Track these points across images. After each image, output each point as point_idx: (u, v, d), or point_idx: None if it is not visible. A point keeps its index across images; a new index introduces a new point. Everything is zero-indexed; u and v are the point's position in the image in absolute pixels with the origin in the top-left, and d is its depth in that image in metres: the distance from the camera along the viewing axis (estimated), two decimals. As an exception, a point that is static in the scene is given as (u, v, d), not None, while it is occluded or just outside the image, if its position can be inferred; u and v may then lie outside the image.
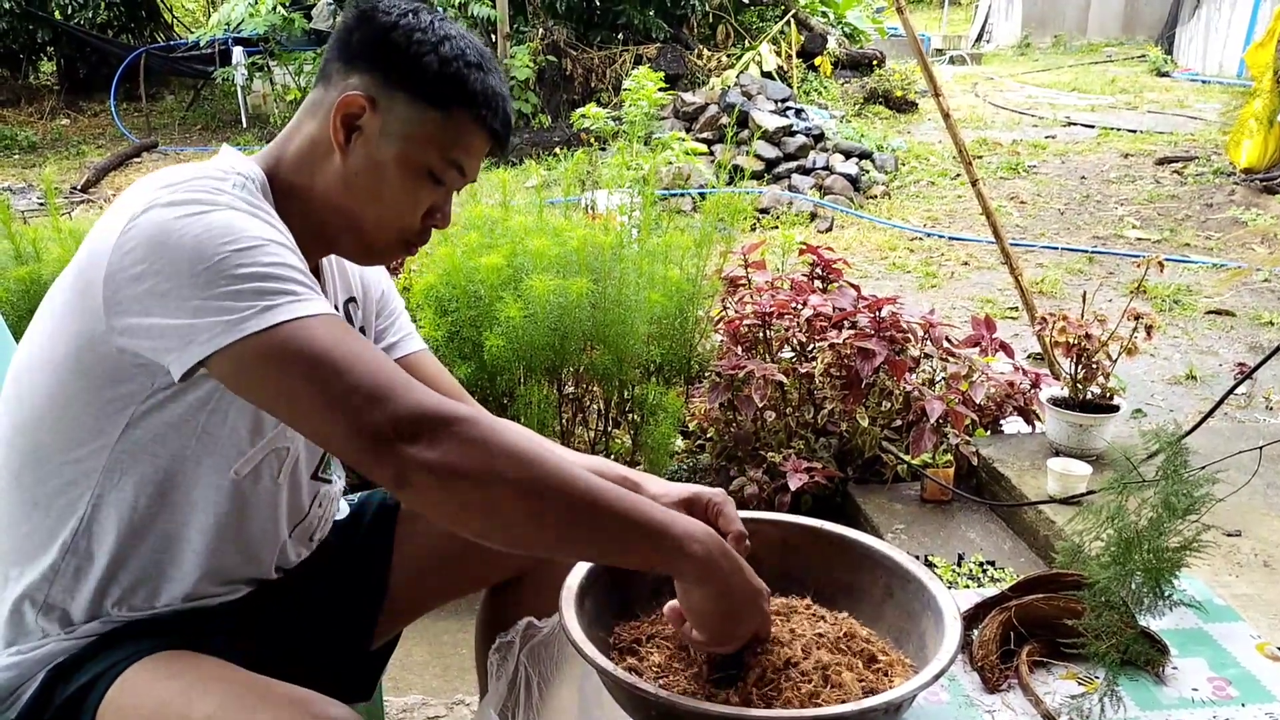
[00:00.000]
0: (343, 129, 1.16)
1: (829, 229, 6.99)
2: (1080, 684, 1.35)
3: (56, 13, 12.06)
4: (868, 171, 8.12)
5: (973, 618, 1.44)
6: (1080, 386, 2.79)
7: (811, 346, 2.98)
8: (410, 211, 1.20)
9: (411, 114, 1.16)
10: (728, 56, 10.51)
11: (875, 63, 11.62)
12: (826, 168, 7.97)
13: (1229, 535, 2.44)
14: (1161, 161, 8.44)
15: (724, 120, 8.36)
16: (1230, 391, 2.78)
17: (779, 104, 8.88)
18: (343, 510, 1.52)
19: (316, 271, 1.29)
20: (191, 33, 12.63)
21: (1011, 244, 3.62)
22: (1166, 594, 1.35)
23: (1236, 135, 7.68)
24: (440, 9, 1.21)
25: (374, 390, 0.96)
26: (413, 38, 1.16)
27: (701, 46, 10.73)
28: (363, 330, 1.39)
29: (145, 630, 1.18)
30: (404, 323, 1.47)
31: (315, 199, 1.19)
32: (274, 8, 9.72)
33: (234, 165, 1.17)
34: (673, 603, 1.14)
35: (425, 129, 1.17)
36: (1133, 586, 1.34)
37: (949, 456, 2.89)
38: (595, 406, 3.04)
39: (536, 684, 1.31)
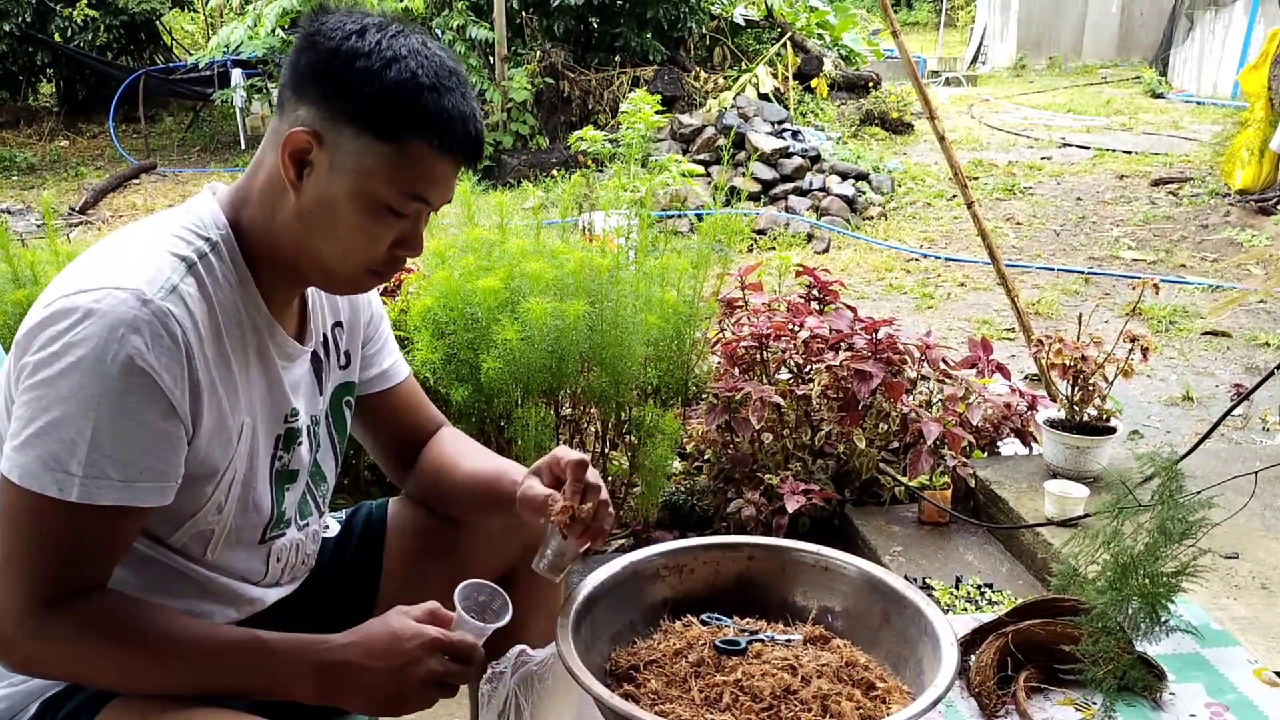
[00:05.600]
0: (292, 165, 1.11)
1: (825, 250, 7.01)
2: (1078, 710, 1.35)
3: (56, 35, 12.11)
4: (864, 193, 8.15)
5: (970, 643, 1.44)
6: (1077, 408, 2.79)
7: (808, 368, 2.98)
8: (370, 246, 1.15)
9: (360, 148, 1.10)
10: (724, 78, 10.56)
11: (871, 85, 11.68)
12: (823, 189, 8.00)
13: (1226, 558, 2.44)
14: (1157, 182, 8.48)
15: (721, 142, 8.39)
16: (1227, 414, 2.78)
17: (776, 126, 8.92)
18: (332, 528, 1.52)
19: (302, 301, 1.29)
20: (190, 55, 12.68)
21: (1007, 265, 3.63)
22: (1163, 620, 1.35)
23: (1229, 164, 7.73)
24: (403, 25, 1.14)
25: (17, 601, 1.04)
26: (355, 65, 1.09)
27: (698, 68, 10.79)
28: (347, 354, 1.39)
29: None
30: (392, 348, 1.47)
31: (277, 236, 1.16)
32: (273, 30, 9.77)
33: (202, 223, 1.15)
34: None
35: (377, 163, 1.10)
36: (1129, 612, 1.34)
37: (946, 478, 2.89)
38: (593, 428, 3.04)
39: (529, 714, 1.31)
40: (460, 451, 1.47)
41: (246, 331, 1.17)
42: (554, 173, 8.94)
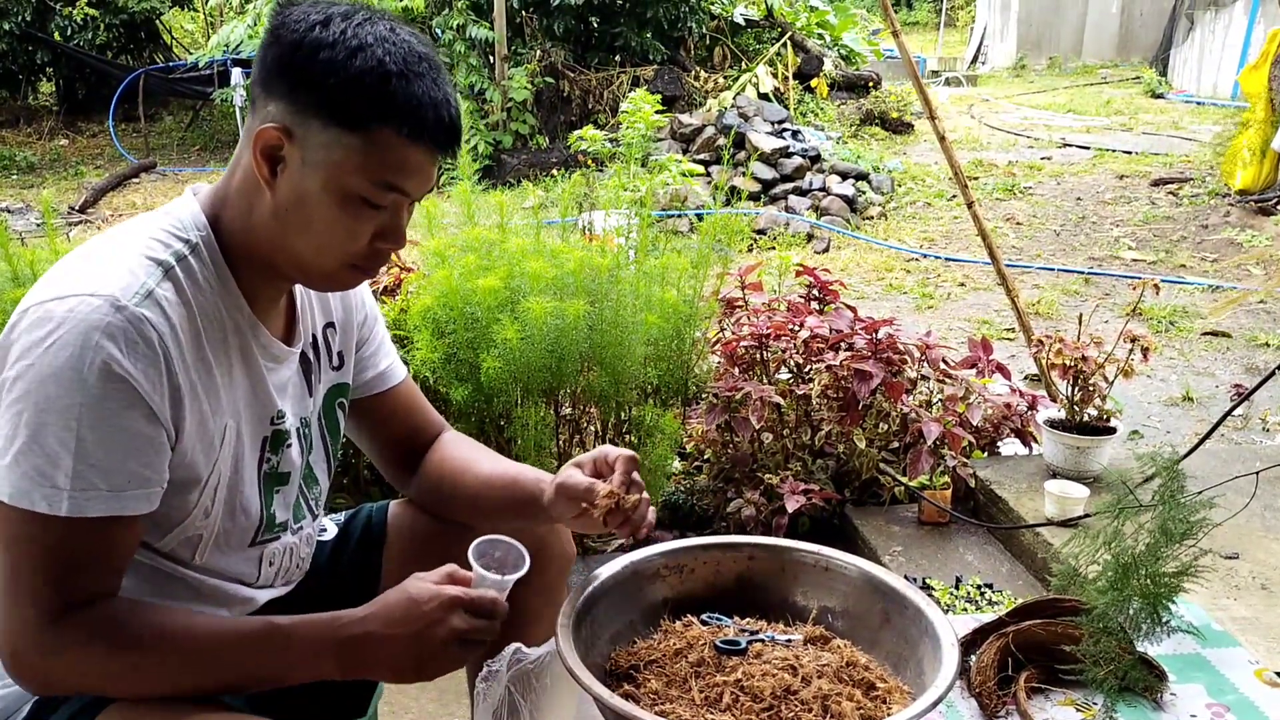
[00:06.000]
0: (265, 163, 1.10)
1: (825, 250, 7.01)
2: (1078, 710, 1.35)
3: (56, 34, 12.11)
4: (864, 192, 8.15)
5: (970, 644, 1.44)
6: (1077, 408, 2.79)
7: (808, 368, 2.98)
8: (348, 241, 1.13)
9: (329, 140, 1.08)
10: (724, 78, 10.56)
11: (871, 84, 11.68)
12: (823, 189, 8.00)
13: (1227, 558, 2.43)
14: (1157, 183, 8.48)
15: (721, 142, 8.39)
16: (1227, 414, 2.78)
17: (776, 125, 8.92)
18: (330, 531, 1.51)
19: (290, 302, 1.28)
20: (190, 54, 12.67)
21: (1007, 265, 3.63)
22: (1164, 620, 1.34)
23: (1229, 164, 7.73)
24: (370, 13, 1.11)
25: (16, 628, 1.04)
26: (319, 56, 1.07)
27: (698, 68, 10.79)
28: (340, 355, 1.38)
29: None
30: (388, 350, 1.46)
31: (255, 234, 1.14)
32: (273, 29, 9.77)
33: (181, 225, 1.14)
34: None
35: (347, 156, 1.08)
36: (1130, 612, 1.34)
37: (946, 478, 2.88)
38: (592, 428, 3.04)
39: (527, 712, 1.30)
40: (471, 457, 1.46)
41: (228, 333, 1.16)
42: (554, 172, 8.94)
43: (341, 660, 1.11)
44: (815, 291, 3.21)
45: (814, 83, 10.83)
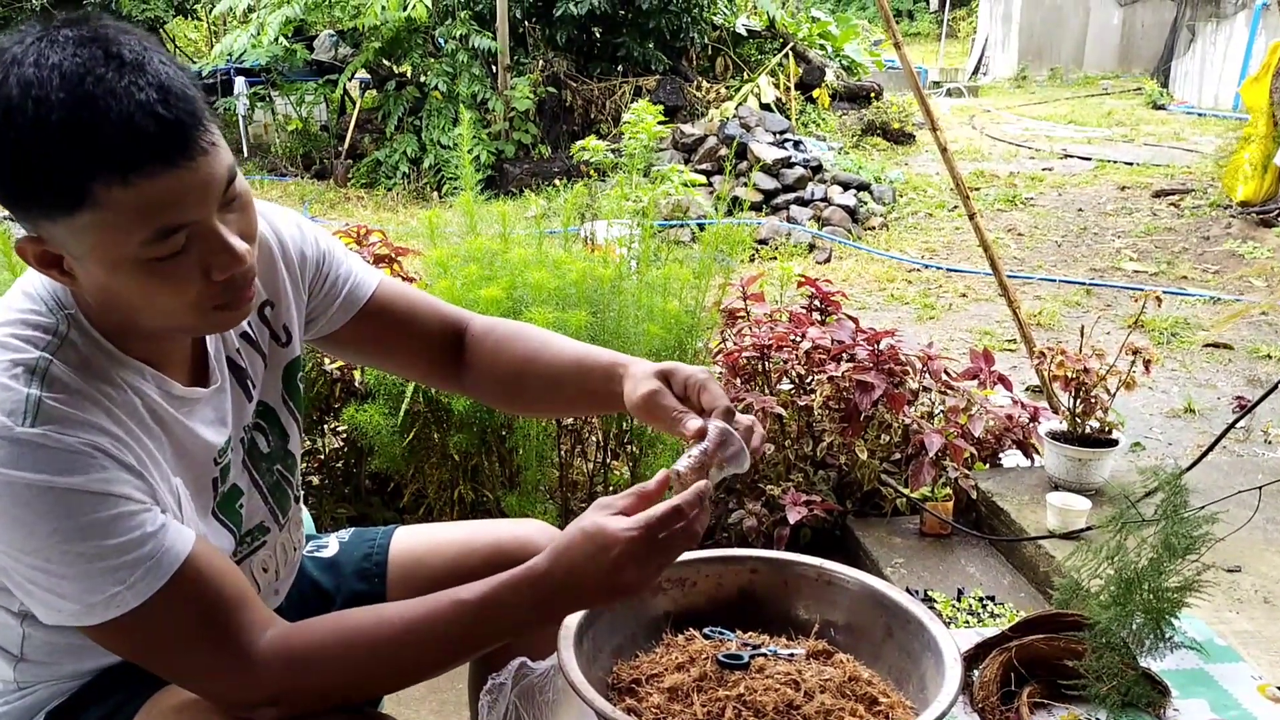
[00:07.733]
0: (49, 269, 0.96)
1: (827, 260, 7.01)
2: (1081, 726, 1.34)
3: (60, 42, 12.13)
4: (865, 203, 8.16)
5: (973, 658, 1.43)
6: (1079, 420, 2.78)
7: (810, 379, 2.98)
8: (179, 296, 0.97)
9: (69, 233, 0.91)
10: (726, 88, 10.59)
11: (873, 95, 11.72)
12: (824, 199, 8.01)
13: (1229, 571, 2.43)
14: (1158, 194, 8.49)
15: (723, 152, 8.41)
16: (1229, 428, 2.78)
17: (777, 136, 8.94)
18: (331, 547, 1.48)
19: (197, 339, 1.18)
20: (194, 63, 12.69)
21: (1009, 276, 3.63)
22: (1167, 635, 1.34)
23: (1230, 178, 7.74)
24: (16, 48, 0.89)
25: (205, 689, 1.03)
26: None
27: (700, 78, 10.82)
28: (286, 329, 1.27)
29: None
30: (347, 270, 1.32)
31: (110, 315, 1.02)
32: (276, 38, 9.80)
33: (44, 306, 1.01)
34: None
35: (96, 237, 0.91)
36: (1133, 627, 1.34)
37: (948, 490, 2.88)
38: (594, 438, 3.04)
39: (532, 727, 1.30)
40: (529, 345, 1.38)
41: (138, 399, 1.05)
42: (556, 182, 8.95)
43: (538, 614, 1.07)
44: (817, 302, 3.21)
45: (816, 93, 10.86)
